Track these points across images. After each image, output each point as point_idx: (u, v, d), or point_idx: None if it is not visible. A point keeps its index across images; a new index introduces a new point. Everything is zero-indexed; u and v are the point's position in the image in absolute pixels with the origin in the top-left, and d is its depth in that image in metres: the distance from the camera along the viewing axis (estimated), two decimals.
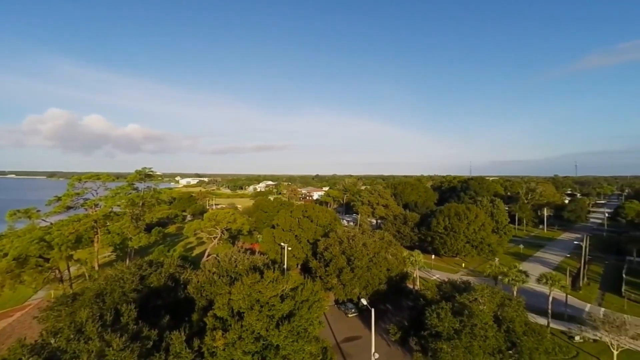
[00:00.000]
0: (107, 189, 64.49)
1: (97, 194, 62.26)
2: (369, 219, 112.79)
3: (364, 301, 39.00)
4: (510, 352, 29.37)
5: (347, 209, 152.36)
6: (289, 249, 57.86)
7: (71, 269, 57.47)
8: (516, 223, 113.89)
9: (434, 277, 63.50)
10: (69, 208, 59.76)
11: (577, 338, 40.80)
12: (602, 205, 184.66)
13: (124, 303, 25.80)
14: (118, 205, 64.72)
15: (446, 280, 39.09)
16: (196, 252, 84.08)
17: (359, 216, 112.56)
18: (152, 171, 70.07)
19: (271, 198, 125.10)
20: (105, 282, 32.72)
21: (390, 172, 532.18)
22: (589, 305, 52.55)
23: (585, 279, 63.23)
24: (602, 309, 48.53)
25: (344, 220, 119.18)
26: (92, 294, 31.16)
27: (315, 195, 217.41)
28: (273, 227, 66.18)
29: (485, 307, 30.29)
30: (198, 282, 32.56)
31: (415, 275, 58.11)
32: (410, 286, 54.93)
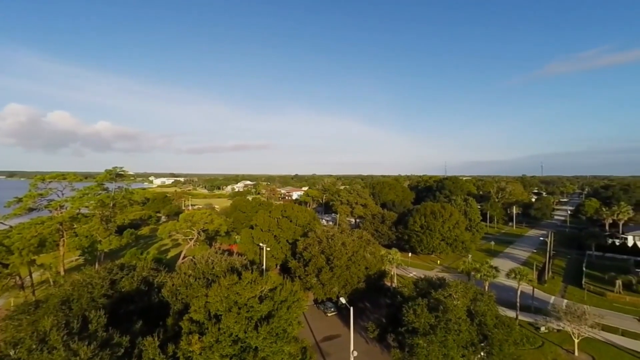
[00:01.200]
0: (74, 189, 61.04)
1: (63, 194, 58.75)
2: (347, 218, 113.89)
3: (343, 300, 39.36)
4: (482, 344, 30.64)
5: (327, 208, 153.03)
6: (268, 249, 57.34)
7: (34, 275, 53.99)
8: (488, 221, 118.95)
9: (411, 275, 65.12)
10: (31, 210, 55.99)
11: (542, 329, 43.18)
12: (565, 204, 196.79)
13: (93, 309, 24.59)
14: (86, 207, 61.45)
15: (422, 277, 40.22)
16: (171, 254, 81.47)
17: (338, 215, 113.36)
18: (124, 170, 67.08)
19: (250, 198, 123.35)
20: (71, 287, 30.99)
21: (369, 172, 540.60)
22: (553, 297, 55.74)
23: (550, 273, 67.03)
24: (565, 301, 51.60)
25: (323, 220, 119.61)
26: (57, 300, 29.39)
27: (295, 195, 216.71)
28: (251, 227, 65.32)
29: (459, 302, 31.40)
30: (173, 285, 31.59)
31: (393, 273, 59.30)
32: (388, 284, 55.97)
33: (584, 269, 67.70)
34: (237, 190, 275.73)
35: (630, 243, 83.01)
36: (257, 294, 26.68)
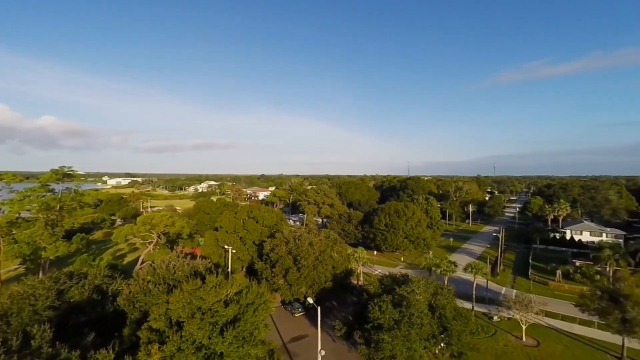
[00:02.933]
0: (12, 190, 55.13)
1: None
2: (315, 218, 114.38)
3: (310, 300, 39.43)
4: (442, 335, 32.35)
5: (294, 208, 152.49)
6: (234, 251, 55.88)
7: None
8: (447, 218, 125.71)
9: (376, 272, 66.92)
10: None
11: (495, 318, 46.52)
12: (514, 201, 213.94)
13: (36, 323, 22.36)
14: (28, 210, 55.74)
15: (387, 274, 41.49)
16: (128, 259, 76.47)
17: (305, 216, 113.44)
18: (72, 170, 61.66)
19: (214, 199, 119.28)
20: (10, 300, 27.92)
21: (336, 172, 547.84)
22: (504, 288, 60.25)
23: (502, 266, 72.42)
24: (514, 291, 56.03)
25: (291, 220, 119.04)
26: None
27: (261, 195, 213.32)
28: (216, 229, 63.26)
29: (421, 297, 32.86)
30: (130, 292, 29.65)
31: (359, 271, 60.54)
32: (355, 282, 57.05)
33: (530, 261, 74.02)
34: (200, 190, 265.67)
35: (568, 236, 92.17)
36: (222, 298, 25.90)
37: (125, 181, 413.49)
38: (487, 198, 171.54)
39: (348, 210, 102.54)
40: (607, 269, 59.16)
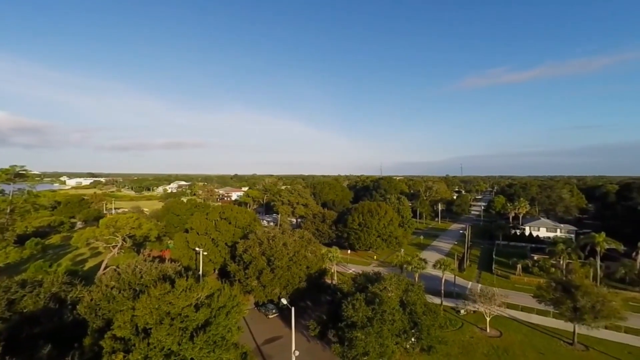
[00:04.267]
0: None
1: None
2: (289, 219, 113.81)
3: (284, 301, 39.26)
4: (413, 331, 33.43)
5: (268, 209, 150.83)
6: (205, 253, 54.32)
7: None
8: (417, 217, 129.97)
9: (350, 271, 67.82)
10: None
11: (462, 311, 48.77)
12: (479, 200, 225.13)
13: None
14: None
15: (360, 272, 42.19)
16: (90, 265, 71.95)
17: (279, 216, 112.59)
18: (25, 169, 57.16)
19: (184, 200, 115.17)
20: None
21: (310, 172, 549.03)
22: (470, 283, 63.31)
23: (468, 261, 76.05)
24: (480, 285, 59.06)
25: (264, 221, 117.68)
26: None
27: (234, 195, 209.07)
28: (186, 231, 61.20)
29: (392, 294, 33.74)
30: (92, 300, 27.96)
31: (333, 271, 61.08)
32: (329, 281, 57.46)
33: (493, 256, 78.33)
34: (169, 191, 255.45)
35: (527, 233, 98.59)
36: (192, 302, 25.10)
37: (86, 181, 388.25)
38: (455, 197, 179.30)
39: (322, 210, 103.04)
40: (561, 262, 63.92)
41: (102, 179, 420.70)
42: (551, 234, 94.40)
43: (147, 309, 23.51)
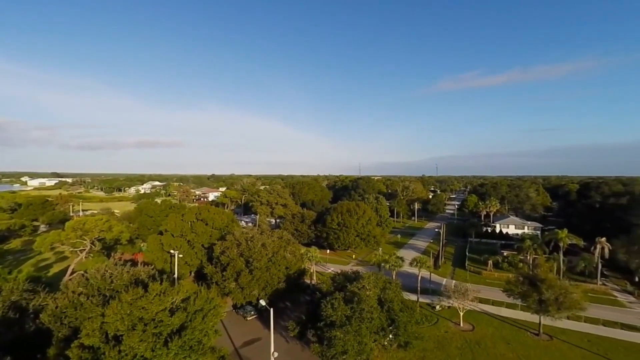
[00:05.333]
0: None
1: None
2: (268, 219, 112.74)
3: (262, 302, 38.86)
4: (390, 328, 34.11)
5: (246, 209, 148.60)
6: (180, 256, 52.79)
7: None
8: (395, 216, 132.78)
9: (329, 270, 68.18)
10: None
11: (437, 307, 50.33)
12: (453, 199, 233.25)
13: None
14: None
15: (339, 272, 42.52)
16: (54, 270, 67.91)
17: (257, 216, 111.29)
18: None
19: (158, 201, 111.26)
20: None
21: (289, 172, 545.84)
22: (445, 279, 65.43)
23: (443, 258, 78.59)
24: (454, 281, 61.15)
25: (243, 222, 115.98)
26: None
27: (211, 196, 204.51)
28: (161, 233, 59.13)
29: (371, 293, 34.27)
30: (57, 307, 26.45)
31: (312, 271, 61.16)
32: (308, 281, 57.48)
33: (467, 253, 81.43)
34: (142, 192, 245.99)
35: (498, 230, 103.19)
36: (167, 307, 24.35)
37: (51, 182, 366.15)
38: (430, 196, 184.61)
39: (301, 210, 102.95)
40: (528, 257, 67.56)
41: (69, 179, 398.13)
42: (519, 231, 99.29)
43: (118, 315, 22.54)
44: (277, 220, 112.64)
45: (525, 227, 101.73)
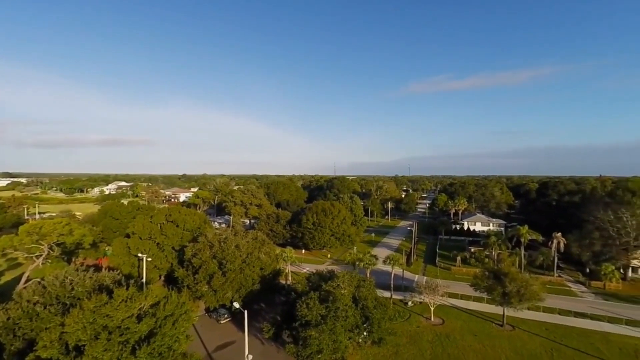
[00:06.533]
0: None
1: None
2: (242, 220, 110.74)
3: (236, 304, 38.10)
4: (365, 325, 34.70)
5: (219, 210, 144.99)
6: (149, 259, 50.54)
7: None
8: (369, 215, 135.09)
9: (305, 270, 68.13)
10: None
11: (410, 303, 51.82)
12: (425, 198, 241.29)
13: None
14: None
15: (314, 271, 42.61)
16: (6, 278, 62.61)
17: (231, 217, 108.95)
18: None
19: (125, 202, 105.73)
20: None
21: (264, 172, 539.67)
22: (417, 276, 67.51)
23: (415, 256, 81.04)
24: (425, 278, 63.21)
25: (216, 223, 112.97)
26: None
27: (183, 196, 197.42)
28: (127, 235, 56.30)
29: (345, 291, 34.68)
30: (9, 319, 24.43)
31: (287, 271, 60.81)
32: (283, 282, 57.07)
33: (437, 250, 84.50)
34: (107, 193, 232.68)
35: (466, 227, 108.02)
36: (134, 313, 23.24)
37: (2, 182, 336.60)
38: (403, 196, 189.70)
39: (276, 210, 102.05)
40: (493, 252, 71.27)
41: (23, 180, 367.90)
42: (485, 228, 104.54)
43: (80, 324, 21.21)
44: (252, 221, 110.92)
45: (491, 224, 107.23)
